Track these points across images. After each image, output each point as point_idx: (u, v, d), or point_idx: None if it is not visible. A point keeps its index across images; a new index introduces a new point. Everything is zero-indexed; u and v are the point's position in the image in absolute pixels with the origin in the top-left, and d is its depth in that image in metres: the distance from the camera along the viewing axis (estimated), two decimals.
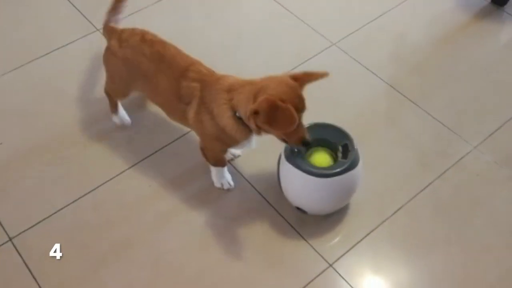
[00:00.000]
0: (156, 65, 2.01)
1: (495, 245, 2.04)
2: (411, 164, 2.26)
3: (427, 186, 2.19)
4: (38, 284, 1.92)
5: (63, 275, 1.95)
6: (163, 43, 2.06)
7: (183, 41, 2.11)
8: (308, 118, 2.05)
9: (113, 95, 2.30)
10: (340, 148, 1.97)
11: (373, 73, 2.59)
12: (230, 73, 1.96)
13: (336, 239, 2.04)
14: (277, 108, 1.72)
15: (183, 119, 2.04)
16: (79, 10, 2.86)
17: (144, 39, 2.06)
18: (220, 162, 2.11)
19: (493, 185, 2.21)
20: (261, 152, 2.02)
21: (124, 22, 2.75)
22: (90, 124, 2.37)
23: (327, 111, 2.42)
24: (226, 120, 1.86)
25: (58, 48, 2.67)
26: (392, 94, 2.50)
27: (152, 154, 2.27)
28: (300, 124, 1.82)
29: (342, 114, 2.39)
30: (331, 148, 2.01)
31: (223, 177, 2.16)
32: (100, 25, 2.74)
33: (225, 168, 2.15)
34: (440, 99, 2.49)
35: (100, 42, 2.68)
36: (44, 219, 2.08)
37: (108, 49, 2.16)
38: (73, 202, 2.13)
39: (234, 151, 2.22)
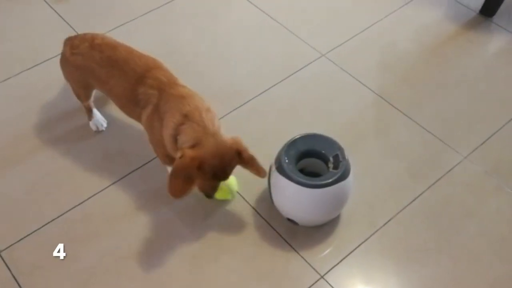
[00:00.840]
0: (107, 70, 2.02)
1: (485, 254, 2.04)
2: (401, 175, 2.26)
3: (417, 197, 2.19)
4: None
5: None
6: (113, 47, 2.05)
7: (171, 52, 2.12)
8: (298, 129, 2.06)
9: (78, 99, 2.32)
10: (331, 159, 1.96)
11: (362, 83, 2.59)
12: (219, 85, 1.96)
13: (327, 251, 2.04)
14: (182, 173, 1.79)
15: (139, 119, 2.05)
16: (67, 22, 2.85)
17: (93, 44, 2.07)
18: (169, 161, 2.07)
19: (483, 194, 2.21)
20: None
21: (112, 33, 2.77)
22: (79, 137, 2.36)
23: (317, 121, 2.42)
24: (167, 136, 1.89)
25: (46, 60, 2.66)
26: (381, 105, 2.51)
27: (142, 166, 2.26)
28: (209, 184, 1.93)
29: (332, 125, 2.40)
30: (322, 159, 2.00)
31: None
32: None
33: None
34: (429, 109, 2.50)
35: None
36: (33, 232, 2.06)
37: (61, 57, 2.20)
38: (62, 214, 2.11)
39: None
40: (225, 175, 1.88)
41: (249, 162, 1.88)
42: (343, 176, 1.92)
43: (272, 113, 2.45)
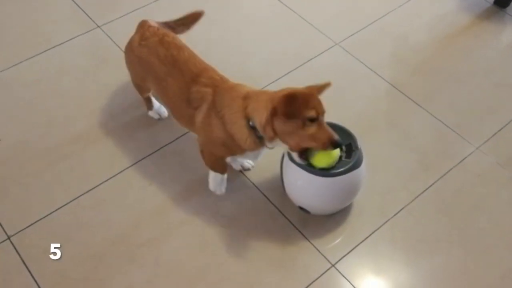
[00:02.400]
0: (167, 69, 2.02)
1: (496, 246, 2.04)
2: (413, 165, 2.25)
3: (429, 187, 2.18)
4: (37, 283, 1.91)
5: (62, 274, 1.94)
6: (179, 47, 2.06)
7: (182, 40, 2.11)
8: None
9: (136, 87, 2.30)
10: (344, 148, 1.96)
11: (375, 73, 2.58)
12: (232, 73, 1.96)
13: (339, 239, 2.03)
14: (295, 97, 1.72)
15: (189, 124, 2.03)
16: (79, 7, 2.84)
17: (163, 40, 2.07)
18: (218, 168, 2.08)
19: (495, 185, 2.20)
20: (264, 151, 2.01)
21: (124, 18, 2.76)
22: (90, 122, 2.36)
23: (330, 110, 2.39)
24: (238, 128, 1.84)
25: (58, 45, 2.66)
26: (394, 95, 2.50)
27: (153, 152, 2.26)
28: (324, 125, 1.79)
29: (344, 114, 2.39)
30: None
31: (220, 184, 2.13)
32: (100, 22, 2.75)
33: (224, 176, 2.12)
34: (443, 99, 2.48)
35: (100, 39, 2.68)
36: (43, 218, 2.06)
37: (129, 43, 2.18)
38: (72, 200, 2.11)
39: (245, 163, 2.20)
40: (322, 106, 1.80)
41: (319, 88, 1.84)
42: (356, 166, 1.92)
43: None
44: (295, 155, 1.85)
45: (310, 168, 1.89)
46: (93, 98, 2.43)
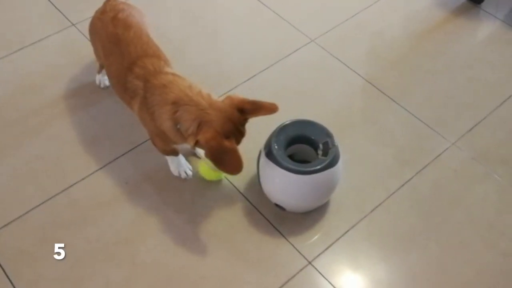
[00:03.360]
0: (111, 47, 2.01)
1: (472, 241, 2.05)
2: (389, 161, 2.26)
3: (405, 183, 2.19)
4: (12, 283, 1.89)
5: (39, 275, 1.92)
6: (128, 26, 2.02)
7: (158, 37, 2.09)
8: (288, 115, 2.05)
9: (95, 55, 2.30)
10: (321, 146, 1.96)
11: (351, 69, 2.59)
12: (208, 70, 1.94)
13: (316, 237, 2.04)
14: (225, 151, 1.75)
15: (129, 106, 2.02)
16: (54, 5, 2.81)
17: (116, 17, 2.05)
18: (169, 152, 2.09)
19: (470, 181, 2.22)
20: (240, 147, 2.00)
21: None
22: (65, 120, 2.33)
23: (306, 107, 2.42)
24: (166, 127, 1.85)
25: (32, 43, 2.63)
26: (370, 91, 2.51)
27: (129, 151, 2.24)
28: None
29: (320, 111, 2.39)
30: (312, 145, 1.99)
31: (180, 165, 2.15)
32: (75, 20, 2.72)
33: (180, 157, 2.14)
34: (418, 95, 2.50)
35: (75, 37, 2.65)
36: (18, 217, 2.04)
37: (95, 14, 2.18)
38: (48, 199, 2.09)
39: (182, 172, 2.18)
40: (242, 134, 1.84)
41: (256, 109, 1.83)
42: (332, 163, 1.92)
43: (260, 98, 2.42)
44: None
45: (287, 165, 1.89)
46: (69, 96, 2.40)
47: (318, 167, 1.89)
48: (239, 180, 2.17)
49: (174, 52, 2.38)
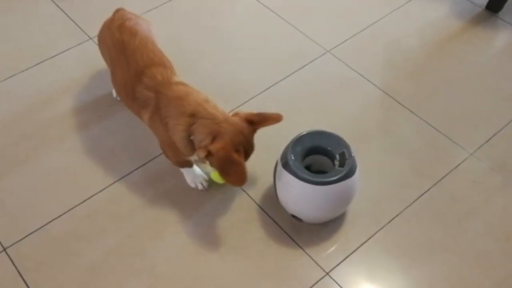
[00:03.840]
0: (117, 54, 2.02)
1: (491, 252, 2.03)
2: (407, 172, 2.25)
3: (423, 194, 2.18)
4: None
5: (58, 285, 1.93)
6: (133, 33, 2.04)
7: (173, 50, 2.11)
8: (304, 126, 2.05)
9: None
10: (337, 156, 1.95)
11: (367, 80, 2.58)
12: (223, 82, 1.95)
13: (333, 248, 2.03)
14: (232, 162, 1.79)
15: (138, 115, 2.04)
16: (71, 19, 2.84)
17: (122, 25, 2.07)
18: (183, 163, 2.10)
19: (489, 191, 2.20)
20: (257, 158, 2.01)
21: None
22: (83, 133, 2.35)
23: (321, 118, 2.42)
24: (179, 139, 1.88)
25: (51, 57, 2.66)
26: (387, 101, 2.50)
27: (146, 163, 2.25)
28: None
29: (336, 121, 2.39)
30: (329, 156, 1.99)
31: (196, 176, 2.17)
32: (93, 34, 2.75)
33: (195, 168, 2.16)
34: (435, 105, 2.49)
35: (93, 51, 2.68)
36: (38, 229, 2.06)
37: (104, 23, 2.21)
38: (67, 211, 2.11)
39: (198, 184, 2.19)
40: (252, 148, 1.91)
41: (263, 120, 1.90)
42: (349, 174, 1.91)
43: (276, 110, 2.42)
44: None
45: (304, 176, 1.89)
46: (86, 110, 2.43)
47: (335, 178, 1.89)
48: (256, 192, 2.17)
49: (190, 63, 2.41)
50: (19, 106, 2.46)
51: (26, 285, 1.92)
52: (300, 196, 1.94)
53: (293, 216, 2.05)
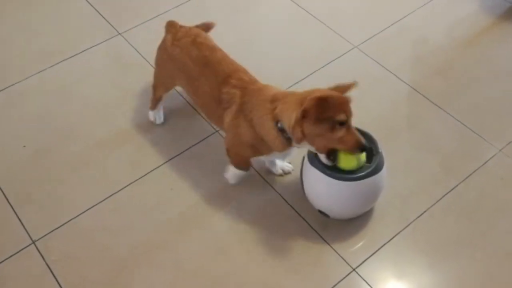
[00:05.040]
0: (200, 69, 2.06)
1: None
2: (435, 168, 2.24)
3: (451, 190, 2.16)
4: (60, 285, 1.93)
5: (85, 278, 1.95)
6: (212, 48, 2.10)
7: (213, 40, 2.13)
8: None
9: (157, 85, 2.32)
10: (365, 152, 1.95)
11: (395, 75, 2.57)
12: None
13: (360, 244, 2.02)
14: (326, 99, 1.73)
15: (219, 122, 2.08)
16: (101, 14, 2.87)
17: (195, 41, 2.11)
18: (244, 166, 2.12)
19: None
20: (293, 152, 2.01)
21: (144, 25, 2.79)
22: (111, 128, 2.38)
23: None
24: (266, 130, 1.86)
25: (81, 52, 2.68)
26: (415, 97, 2.48)
27: (174, 157, 2.27)
28: (352, 128, 1.80)
29: (365, 117, 2.36)
30: None
31: (240, 177, 2.17)
32: (121, 29, 2.77)
33: (243, 173, 2.16)
34: (464, 101, 2.46)
35: (122, 46, 2.70)
36: (66, 222, 2.08)
37: (162, 42, 2.23)
38: (95, 205, 2.13)
39: (285, 167, 2.21)
40: (350, 108, 1.80)
41: (344, 88, 1.85)
42: (377, 170, 1.91)
43: None
44: (322, 157, 1.85)
45: (331, 171, 1.88)
46: (115, 104, 2.45)
47: (362, 173, 1.88)
48: (283, 187, 2.17)
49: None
50: (49, 100, 2.49)
51: (55, 277, 1.95)
52: (327, 192, 1.94)
53: (320, 212, 2.05)
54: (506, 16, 2.85)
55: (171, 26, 2.23)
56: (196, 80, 2.08)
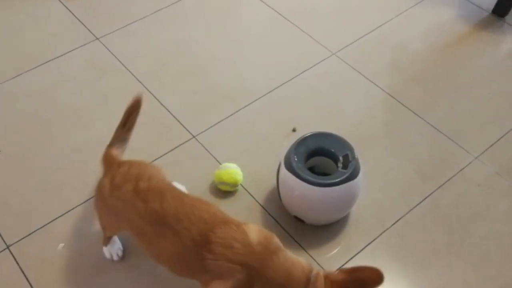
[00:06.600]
0: (155, 230, 1.60)
1: (496, 256, 2.02)
2: (411, 174, 2.25)
3: (427, 197, 2.17)
4: None
5: (60, 283, 1.93)
6: (160, 194, 1.63)
7: (180, 51, 2.11)
8: (308, 127, 2.05)
9: (104, 228, 1.91)
10: (341, 158, 1.95)
11: (373, 82, 2.58)
12: (229, 83, 1.95)
13: (336, 250, 2.02)
14: None
15: (191, 275, 1.65)
16: (78, 19, 2.86)
17: (138, 189, 1.64)
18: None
19: (494, 195, 2.19)
20: (260, 160, 2.00)
21: (122, 31, 2.77)
22: (89, 133, 2.36)
23: (327, 120, 2.41)
24: None
25: (57, 57, 2.67)
26: (392, 104, 2.49)
27: (158, 158, 2.26)
28: None
29: (342, 124, 2.39)
30: (332, 158, 1.99)
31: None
32: (99, 34, 2.76)
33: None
34: (441, 109, 2.48)
35: (99, 51, 2.69)
36: (41, 227, 2.06)
37: (98, 188, 1.77)
38: (70, 210, 2.11)
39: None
40: None
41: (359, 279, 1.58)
42: (352, 176, 1.91)
43: (281, 111, 2.44)
44: None
45: (307, 177, 1.88)
46: (92, 110, 2.43)
47: (338, 179, 1.88)
48: (259, 193, 2.17)
49: (196, 65, 2.41)
50: (26, 105, 2.47)
51: (29, 283, 1.93)
52: (302, 197, 1.94)
53: (296, 218, 2.05)
54: (482, 24, 2.88)
55: (108, 164, 1.80)
56: (154, 244, 1.64)
